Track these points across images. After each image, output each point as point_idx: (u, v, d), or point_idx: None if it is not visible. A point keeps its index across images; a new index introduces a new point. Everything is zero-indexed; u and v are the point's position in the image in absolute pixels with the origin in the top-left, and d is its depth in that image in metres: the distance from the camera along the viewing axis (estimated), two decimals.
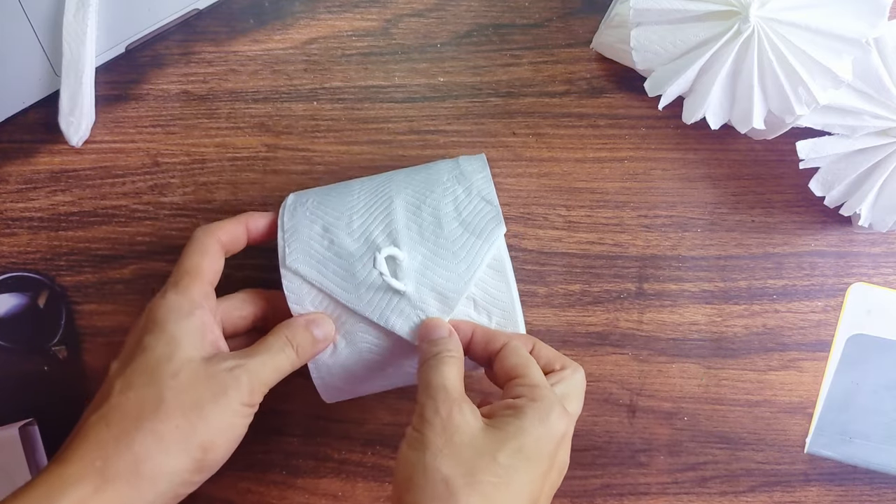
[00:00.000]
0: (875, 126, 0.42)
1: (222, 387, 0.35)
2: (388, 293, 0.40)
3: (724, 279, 0.50)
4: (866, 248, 0.49)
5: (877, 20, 0.38)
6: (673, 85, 0.41)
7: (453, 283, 0.40)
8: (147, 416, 0.34)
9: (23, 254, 0.50)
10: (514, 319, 0.41)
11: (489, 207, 0.41)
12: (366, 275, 0.40)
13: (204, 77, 0.50)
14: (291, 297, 0.41)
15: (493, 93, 0.49)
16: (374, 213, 0.42)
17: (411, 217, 0.41)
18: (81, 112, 0.47)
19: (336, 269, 0.41)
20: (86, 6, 0.46)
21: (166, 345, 0.36)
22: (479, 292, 0.41)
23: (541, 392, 0.35)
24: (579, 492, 0.50)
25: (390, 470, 0.50)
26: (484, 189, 0.42)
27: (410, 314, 0.40)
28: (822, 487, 0.50)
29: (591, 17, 0.49)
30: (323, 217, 0.42)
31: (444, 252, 0.40)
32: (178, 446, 0.34)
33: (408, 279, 0.40)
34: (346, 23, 0.49)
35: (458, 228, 0.41)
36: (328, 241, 0.41)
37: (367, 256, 0.40)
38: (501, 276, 0.41)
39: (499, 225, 0.41)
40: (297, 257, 0.41)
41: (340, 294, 0.40)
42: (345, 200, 0.43)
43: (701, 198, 0.50)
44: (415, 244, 0.40)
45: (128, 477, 0.33)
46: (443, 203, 0.42)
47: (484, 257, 0.40)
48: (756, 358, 0.50)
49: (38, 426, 0.51)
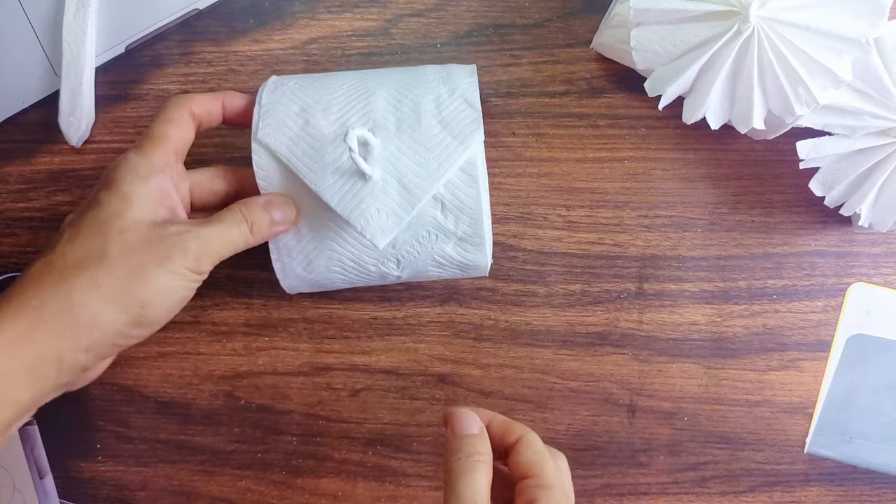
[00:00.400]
0: (875, 126, 0.42)
1: (168, 250, 0.35)
2: (352, 178, 0.39)
3: (724, 279, 0.50)
4: (866, 248, 0.49)
5: (877, 20, 0.37)
6: (673, 85, 0.41)
7: (422, 179, 0.39)
8: (89, 266, 0.34)
9: (23, 254, 0.50)
10: (479, 233, 0.41)
11: (471, 111, 0.41)
12: (335, 158, 0.39)
13: (204, 77, 0.50)
14: (260, 172, 0.41)
15: (493, 93, 0.49)
16: (353, 101, 0.41)
17: (391, 109, 0.41)
18: (81, 112, 0.47)
19: (306, 148, 0.40)
20: (86, 6, 0.46)
21: (119, 202, 0.36)
22: (449, 195, 0.40)
23: (554, 496, 0.35)
24: (579, 492, 0.50)
25: (390, 470, 0.50)
26: (468, 92, 0.41)
27: (370, 205, 0.39)
28: (822, 487, 0.50)
29: (591, 17, 0.49)
30: (302, 98, 0.41)
31: (417, 147, 0.40)
32: (117, 299, 0.34)
33: (377, 166, 0.39)
34: (346, 23, 0.49)
35: (436, 126, 0.40)
36: (303, 121, 0.41)
37: (339, 140, 0.40)
38: (473, 181, 0.40)
39: (478, 129, 0.40)
40: (269, 132, 0.40)
41: (306, 174, 0.40)
42: (327, 86, 0.42)
43: (701, 198, 0.50)
44: (390, 135, 0.40)
45: (63, 320, 0.33)
46: (425, 100, 0.41)
47: (458, 159, 0.39)
48: (756, 358, 0.50)
49: (37, 425, 0.51)
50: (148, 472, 0.51)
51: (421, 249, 0.42)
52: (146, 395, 0.51)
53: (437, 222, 0.41)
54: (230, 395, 0.50)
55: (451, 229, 0.41)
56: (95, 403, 0.51)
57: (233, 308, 0.50)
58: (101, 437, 0.51)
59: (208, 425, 0.51)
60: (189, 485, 0.51)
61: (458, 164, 0.40)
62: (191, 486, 0.51)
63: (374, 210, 0.39)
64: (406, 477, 0.50)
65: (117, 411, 0.51)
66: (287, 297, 0.50)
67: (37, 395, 0.34)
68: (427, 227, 0.41)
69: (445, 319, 0.50)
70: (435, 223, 0.41)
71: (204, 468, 0.51)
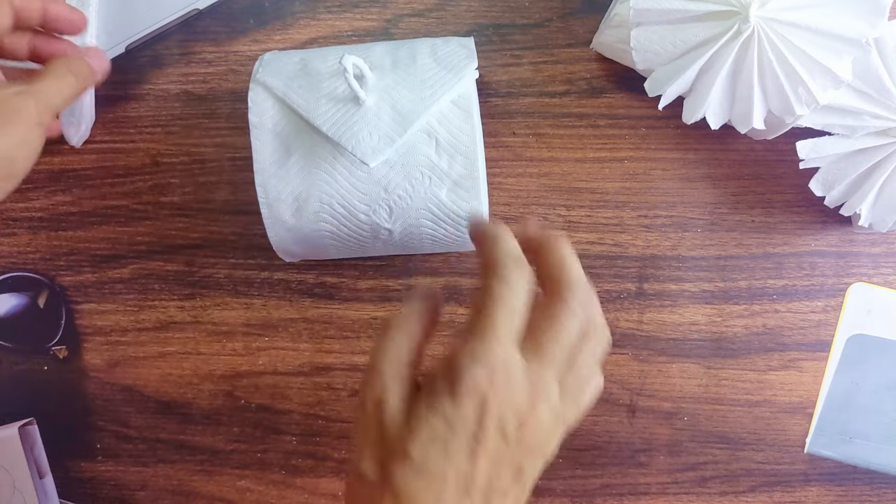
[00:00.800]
0: (875, 126, 0.42)
1: (14, 109, 0.37)
2: (346, 105, 0.40)
3: (724, 279, 0.50)
4: (866, 248, 0.49)
5: (877, 20, 0.37)
6: (673, 85, 0.41)
7: (414, 104, 0.40)
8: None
9: (22, 254, 0.50)
10: (474, 174, 0.41)
11: (465, 50, 0.42)
12: (330, 90, 0.40)
13: (204, 77, 0.50)
14: (253, 108, 0.41)
15: (493, 93, 0.49)
16: (352, 51, 0.42)
17: (387, 53, 0.42)
18: (81, 112, 0.47)
19: (302, 83, 0.41)
20: (86, 6, 0.46)
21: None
22: (444, 131, 0.40)
23: None
24: (579, 492, 0.50)
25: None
26: (463, 40, 0.42)
27: (362, 128, 0.39)
28: (822, 487, 0.50)
29: (591, 17, 0.49)
30: (303, 53, 0.43)
31: (412, 79, 0.40)
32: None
33: (371, 94, 0.40)
34: (346, 23, 0.49)
35: (430, 62, 0.41)
36: (302, 66, 0.42)
37: (335, 75, 0.41)
38: (468, 117, 0.40)
39: (471, 62, 0.41)
40: (267, 73, 0.42)
41: (300, 104, 0.40)
42: (327, 49, 0.44)
43: (701, 198, 0.50)
44: (385, 71, 0.41)
45: None
46: (421, 47, 0.42)
47: (451, 88, 0.40)
48: (756, 358, 0.50)
49: (37, 425, 0.51)
50: (147, 472, 0.51)
51: (414, 194, 0.41)
52: (146, 395, 0.51)
53: (430, 162, 0.40)
54: (230, 394, 0.50)
55: (444, 170, 0.40)
56: (95, 403, 0.51)
57: (233, 308, 0.50)
58: (101, 437, 0.51)
59: (208, 425, 0.51)
60: (188, 484, 0.51)
61: (452, 94, 0.40)
62: (190, 486, 0.51)
63: (366, 133, 0.39)
64: None
65: (117, 411, 0.51)
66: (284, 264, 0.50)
67: None
68: (420, 166, 0.40)
69: (445, 319, 0.50)
70: (428, 163, 0.40)
71: (203, 468, 0.51)
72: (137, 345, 0.51)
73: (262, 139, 0.41)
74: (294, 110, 0.40)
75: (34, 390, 0.51)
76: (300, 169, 0.41)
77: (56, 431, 0.51)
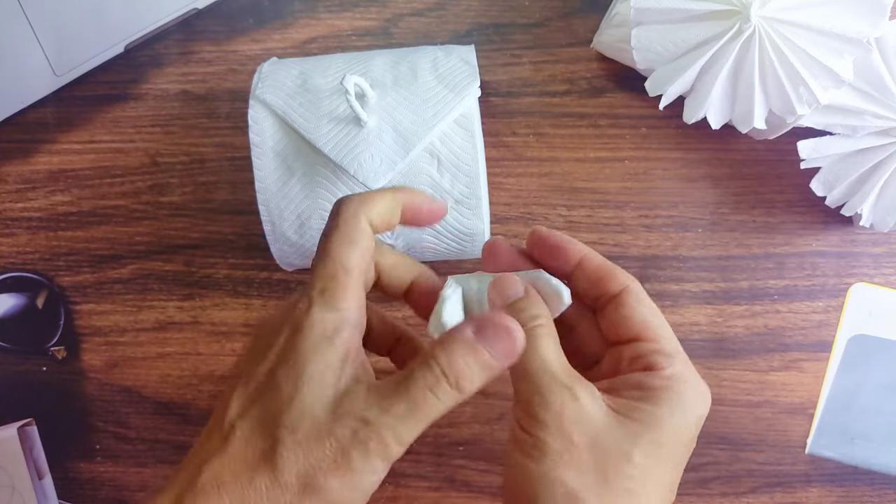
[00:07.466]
0: (876, 126, 0.42)
1: (346, 458, 0.27)
2: (347, 126, 0.39)
3: (726, 279, 0.50)
4: (867, 248, 0.49)
5: (878, 20, 0.37)
6: (674, 84, 0.41)
7: (417, 126, 0.39)
8: (261, 469, 0.27)
9: (21, 254, 0.50)
10: (477, 193, 0.40)
11: (467, 66, 0.41)
12: (331, 109, 0.40)
13: (203, 77, 0.49)
14: (254, 126, 0.41)
15: (493, 92, 0.49)
16: (352, 64, 0.42)
17: (388, 69, 0.41)
18: None
19: (303, 101, 0.40)
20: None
21: (294, 384, 0.28)
22: (446, 151, 0.40)
23: (678, 367, 0.29)
24: None
25: (390, 470, 0.50)
26: (465, 53, 0.42)
27: (364, 150, 0.39)
28: (823, 488, 0.50)
29: (592, 17, 0.49)
30: (301, 65, 0.42)
31: (413, 98, 0.40)
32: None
33: (372, 114, 0.39)
34: (345, 22, 0.49)
35: (432, 80, 0.41)
36: (301, 81, 0.41)
37: (336, 93, 0.40)
38: (470, 136, 0.40)
39: (474, 81, 0.40)
40: (267, 89, 0.41)
41: (301, 123, 0.40)
42: (326, 58, 0.43)
43: (702, 198, 0.49)
44: (387, 89, 0.40)
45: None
46: (421, 60, 0.42)
47: (453, 109, 0.40)
48: (757, 358, 0.50)
49: (36, 426, 0.51)
50: (147, 473, 0.51)
51: None
52: (145, 396, 0.51)
53: (433, 181, 0.40)
54: None
55: (447, 188, 0.40)
56: (95, 404, 0.51)
57: (232, 308, 0.50)
58: (101, 437, 0.51)
59: None
60: None
61: (454, 114, 0.40)
62: None
63: (367, 155, 0.39)
64: (406, 477, 0.50)
65: (116, 412, 0.51)
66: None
67: None
68: (422, 185, 0.40)
69: None
70: (431, 181, 0.40)
71: None
72: (136, 345, 0.50)
73: (263, 158, 0.41)
74: (295, 130, 0.40)
75: (33, 391, 0.51)
76: (302, 188, 0.41)
77: (55, 432, 0.51)
